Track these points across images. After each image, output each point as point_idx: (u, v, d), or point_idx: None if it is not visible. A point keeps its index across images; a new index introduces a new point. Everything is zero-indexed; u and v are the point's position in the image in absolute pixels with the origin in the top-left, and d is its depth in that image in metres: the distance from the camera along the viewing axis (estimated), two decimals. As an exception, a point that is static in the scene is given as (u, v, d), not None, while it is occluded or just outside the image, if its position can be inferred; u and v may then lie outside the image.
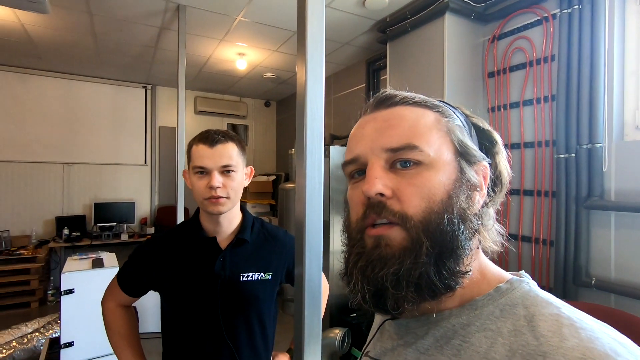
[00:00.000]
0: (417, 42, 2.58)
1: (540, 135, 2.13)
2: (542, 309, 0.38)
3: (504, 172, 0.48)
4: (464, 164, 0.43)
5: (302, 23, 0.79)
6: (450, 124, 0.44)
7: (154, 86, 5.01)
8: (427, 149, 0.41)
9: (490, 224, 0.46)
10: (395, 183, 0.41)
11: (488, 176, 0.45)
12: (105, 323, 1.07)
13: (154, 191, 5.04)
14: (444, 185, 0.41)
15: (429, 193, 0.40)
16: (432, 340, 0.42)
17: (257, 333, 1.03)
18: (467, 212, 0.42)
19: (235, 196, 0.99)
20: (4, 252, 3.84)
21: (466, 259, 0.41)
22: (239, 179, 1.00)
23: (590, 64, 1.87)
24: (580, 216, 1.90)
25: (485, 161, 0.45)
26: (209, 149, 0.96)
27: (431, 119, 0.44)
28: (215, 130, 1.00)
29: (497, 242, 0.46)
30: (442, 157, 0.42)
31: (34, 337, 2.67)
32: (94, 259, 2.47)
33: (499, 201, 0.48)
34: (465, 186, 0.42)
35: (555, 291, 1.98)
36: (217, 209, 0.97)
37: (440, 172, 0.41)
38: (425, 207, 0.40)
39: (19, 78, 4.25)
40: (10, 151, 4.21)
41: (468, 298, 0.42)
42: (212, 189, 0.95)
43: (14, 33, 3.26)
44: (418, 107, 0.44)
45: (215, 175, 0.95)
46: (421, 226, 0.39)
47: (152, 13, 2.82)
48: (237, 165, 0.99)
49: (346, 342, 2.46)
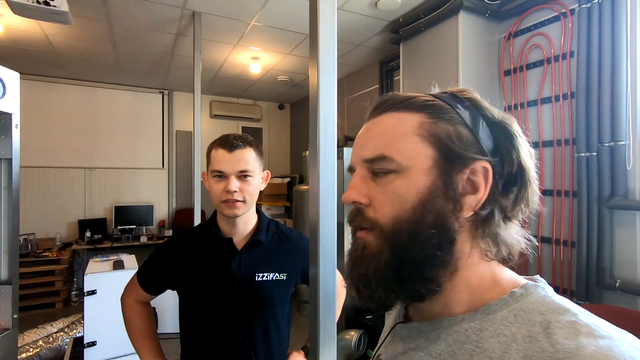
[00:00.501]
0: (431, 41, 2.55)
1: (559, 133, 2.08)
2: (559, 315, 0.37)
3: (525, 166, 0.42)
4: (448, 167, 0.41)
5: (314, 27, 0.80)
6: (434, 126, 0.42)
7: (171, 91, 5.12)
8: (399, 158, 0.41)
9: (493, 229, 0.42)
10: (372, 191, 0.43)
11: (490, 175, 0.41)
12: (124, 318, 1.11)
13: (172, 194, 5.14)
14: (416, 192, 0.40)
15: (399, 201, 0.41)
16: (445, 345, 0.41)
17: (273, 332, 1.05)
18: (448, 219, 0.40)
19: (251, 200, 1.02)
20: (30, 255, 4.00)
21: (440, 268, 0.40)
22: (255, 183, 1.02)
23: (611, 59, 1.82)
24: (603, 216, 1.84)
25: (484, 160, 0.41)
26: (228, 154, 0.99)
27: (412, 124, 0.42)
28: (235, 135, 1.02)
29: (511, 245, 0.42)
30: (416, 164, 0.41)
31: (59, 337, 2.76)
32: (115, 260, 2.54)
33: (521, 202, 0.42)
34: (445, 192, 0.40)
35: (578, 294, 1.93)
36: (233, 212, 0.99)
37: (412, 180, 0.41)
38: (394, 215, 0.41)
39: (43, 87, 4.42)
40: (35, 157, 4.38)
41: (481, 303, 0.42)
42: (229, 193, 0.97)
43: (39, 44, 3.40)
44: (403, 112, 0.43)
45: (233, 180, 0.98)
46: (387, 234, 0.41)
47: (168, 20, 2.89)
48: (253, 170, 1.01)
49: (362, 344, 2.45)
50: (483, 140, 0.42)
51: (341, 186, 3.02)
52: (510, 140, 0.42)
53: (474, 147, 0.41)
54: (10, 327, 1.12)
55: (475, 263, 0.42)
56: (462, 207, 0.41)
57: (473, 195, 0.41)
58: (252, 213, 1.09)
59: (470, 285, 0.42)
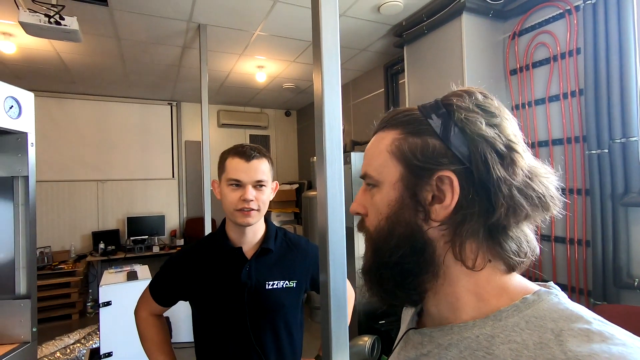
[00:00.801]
0: (435, 44, 2.56)
1: (569, 131, 2.05)
2: (572, 323, 0.36)
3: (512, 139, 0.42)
4: (413, 180, 0.43)
5: (317, 36, 0.82)
6: (402, 142, 0.45)
7: (179, 102, 5.21)
8: (374, 174, 0.47)
9: (464, 232, 0.41)
10: (367, 203, 0.49)
11: (455, 183, 0.41)
12: (139, 331, 1.12)
13: (182, 204, 5.20)
14: (387, 204, 0.45)
15: (378, 211, 0.46)
16: (456, 351, 0.42)
17: (284, 339, 1.06)
18: (418, 228, 0.43)
19: (263, 209, 1.04)
20: (47, 267, 4.07)
21: (414, 274, 0.44)
22: (268, 193, 1.05)
23: (619, 54, 1.79)
24: (618, 214, 1.81)
25: (448, 168, 0.41)
26: (245, 163, 1.01)
27: (386, 142, 0.47)
28: (251, 146, 1.05)
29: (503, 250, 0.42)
30: (386, 179, 0.46)
31: (76, 348, 2.80)
32: (129, 271, 2.57)
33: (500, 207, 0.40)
34: (413, 202, 0.43)
35: (595, 294, 1.89)
36: (247, 221, 1.01)
37: (384, 192, 0.46)
38: (375, 224, 0.47)
39: (55, 102, 4.54)
40: (49, 171, 4.48)
41: (489, 309, 0.42)
42: (246, 201, 0.99)
43: (51, 61, 3.49)
44: (387, 130, 0.48)
45: (249, 189, 1.00)
46: (372, 241, 0.47)
47: (174, 34, 2.95)
48: (268, 181, 1.04)
49: (376, 350, 2.43)
50: (456, 147, 0.41)
51: (349, 191, 3.02)
52: (475, 144, 0.41)
53: (443, 156, 0.41)
54: (30, 340, 1.15)
55: (469, 271, 0.42)
56: (430, 216, 0.43)
57: (439, 205, 0.42)
58: (261, 222, 1.10)
59: (471, 292, 0.43)
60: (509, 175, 0.40)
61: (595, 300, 1.88)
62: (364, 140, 3.81)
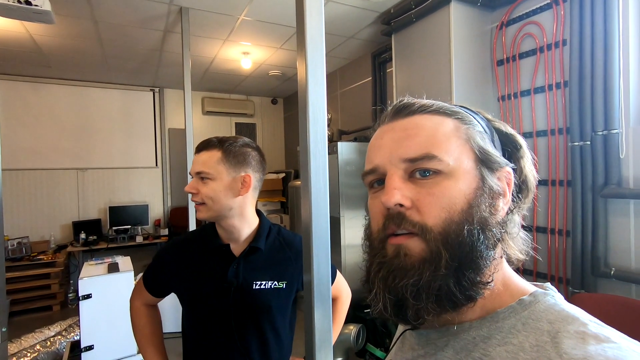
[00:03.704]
0: (423, 32, 2.53)
1: (553, 123, 2.07)
2: (567, 325, 0.36)
3: (529, 176, 0.46)
4: (485, 171, 0.42)
5: (301, 23, 0.78)
6: (470, 131, 0.43)
7: (162, 89, 5.05)
8: (446, 158, 0.41)
9: (515, 231, 0.44)
10: (414, 193, 0.41)
11: (512, 182, 0.44)
12: (131, 321, 1.12)
13: (166, 193, 5.10)
14: (464, 194, 0.40)
15: (448, 203, 0.40)
16: (452, 352, 0.41)
17: (271, 341, 1.02)
18: (489, 220, 0.40)
19: (211, 203, 0.96)
20: (25, 258, 3.95)
21: (488, 269, 0.40)
22: (215, 187, 0.96)
23: (604, 47, 1.80)
24: (597, 205, 1.85)
25: (509, 167, 0.44)
26: (195, 155, 1.01)
27: (450, 126, 0.43)
28: (217, 138, 1.01)
29: (522, 250, 0.45)
30: (462, 166, 0.41)
31: (57, 340, 2.74)
32: (110, 263, 2.51)
33: (525, 207, 0.46)
34: (487, 194, 0.41)
35: (573, 282, 1.94)
36: (198, 215, 0.99)
37: (460, 181, 0.40)
38: (445, 217, 0.39)
39: (30, 87, 4.34)
40: (25, 159, 4.31)
41: (489, 310, 0.41)
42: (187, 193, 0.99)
43: (23, 44, 3.31)
44: (436, 115, 0.43)
45: (191, 181, 0.99)
46: (440, 237, 0.39)
47: (155, 17, 2.83)
48: (212, 173, 0.96)
49: (361, 338, 2.46)
50: (498, 146, 0.45)
51: (336, 181, 3.01)
52: (519, 151, 0.46)
53: (497, 153, 0.44)
54: (0, 340, 1.11)
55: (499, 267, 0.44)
56: (497, 210, 0.42)
57: (504, 199, 0.43)
58: (251, 218, 1.04)
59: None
60: (529, 167, 0.46)
61: (574, 288, 1.93)
62: (352, 130, 3.78)
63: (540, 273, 2.16)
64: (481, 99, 2.39)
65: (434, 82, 2.43)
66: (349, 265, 3.02)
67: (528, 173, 0.46)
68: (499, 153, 0.44)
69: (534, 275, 2.19)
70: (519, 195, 0.45)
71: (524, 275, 2.21)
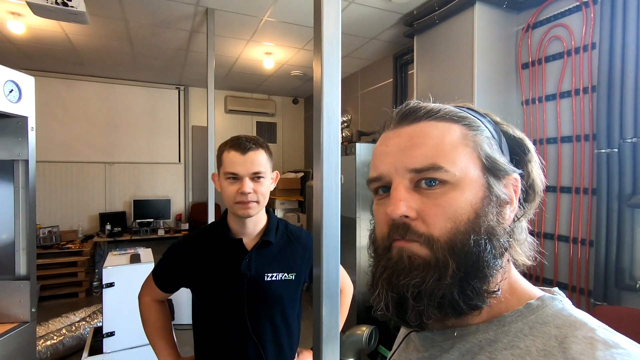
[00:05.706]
0: (446, 34, 2.50)
1: (579, 129, 2.01)
2: (576, 330, 0.36)
3: (537, 180, 0.45)
4: (492, 179, 0.41)
5: (318, 26, 0.80)
6: (478, 138, 0.42)
7: (187, 87, 5.20)
8: (452, 169, 0.40)
9: (522, 237, 0.44)
10: (419, 204, 0.40)
11: (519, 188, 0.43)
12: (141, 316, 1.15)
13: (188, 188, 5.24)
14: (470, 204, 0.40)
15: (455, 213, 0.39)
16: (458, 354, 0.41)
17: (282, 330, 1.07)
18: (497, 229, 0.40)
19: (263, 200, 1.03)
20: (54, 246, 4.16)
21: (495, 277, 0.40)
22: (267, 184, 1.04)
23: (636, 51, 1.74)
24: (624, 215, 1.78)
25: (516, 173, 0.43)
26: (241, 156, 1.00)
27: (457, 134, 0.42)
28: (246, 137, 1.03)
29: (529, 256, 0.44)
30: (468, 175, 0.40)
31: (81, 325, 2.87)
32: (132, 254, 2.61)
33: (532, 212, 0.45)
34: (494, 203, 0.40)
35: (595, 294, 1.87)
36: (247, 213, 1.01)
37: (466, 191, 0.40)
38: (451, 228, 0.39)
39: (64, 84, 4.56)
40: (58, 152, 4.53)
41: (496, 313, 0.41)
42: (244, 194, 0.99)
43: (59, 42, 3.49)
44: (443, 122, 0.42)
45: (247, 182, 0.99)
46: (447, 248, 0.39)
47: (182, 17, 2.92)
48: (265, 172, 1.03)
49: (373, 340, 2.46)
50: (506, 152, 0.44)
51: (353, 181, 3.02)
52: (527, 155, 0.45)
53: (504, 160, 0.43)
54: (29, 320, 1.18)
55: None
56: (504, 218, 0.42)
57: (510, 207, 0.42)
58: (262, 213, 1.10)
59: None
60: (536, 171, 0.45)
61: (596, 300, 1.87)
62: (371, 131, 3.77)
63: (560, 283, 2.09)
64: (504, 103, 2.34)
65: (456, 84, 2.40)
66: (364, 267, 3.02)
67: (536, 177, 0.45)
68: (507, 158, 0.43)
69: (554, 285, 2.12)
70: (526, 201, 0.45)
71: (544, 284, 2.15)
